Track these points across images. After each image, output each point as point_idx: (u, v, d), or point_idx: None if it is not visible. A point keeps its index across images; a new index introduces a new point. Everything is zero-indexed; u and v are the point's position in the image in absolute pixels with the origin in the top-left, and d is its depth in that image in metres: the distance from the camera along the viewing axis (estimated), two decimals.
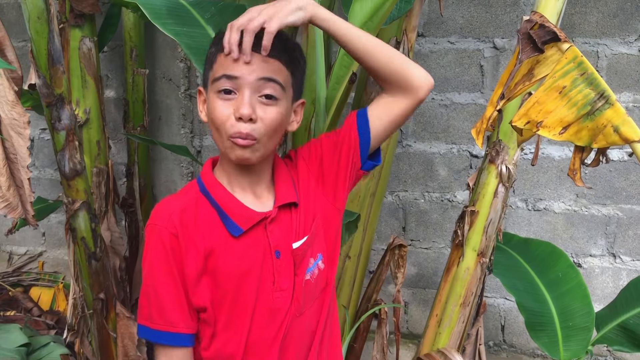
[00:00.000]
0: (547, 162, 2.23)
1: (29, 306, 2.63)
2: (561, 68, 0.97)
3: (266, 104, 1.05)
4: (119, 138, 2.59)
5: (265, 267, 1.12)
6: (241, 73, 1.03)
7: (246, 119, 1.02)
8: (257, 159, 1.08)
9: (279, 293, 1.13)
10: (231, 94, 1.04)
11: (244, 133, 1.03)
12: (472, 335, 1.82)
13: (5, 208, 1.60)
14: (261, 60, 1.04)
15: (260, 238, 1.11)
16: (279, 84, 1.05)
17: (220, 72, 1.05)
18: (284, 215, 1.15)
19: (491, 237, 1.69)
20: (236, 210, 1.11)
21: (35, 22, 1.59)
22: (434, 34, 2.25)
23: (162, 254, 1.10)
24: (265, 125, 1.05)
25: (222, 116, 1.04)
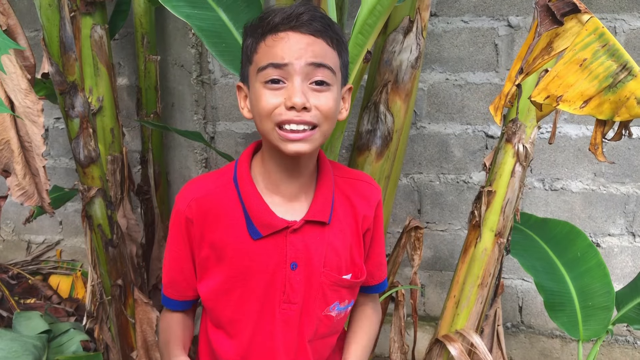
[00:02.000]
0: (564, 141, 2.19)
1: (49, 294, 2.66)
2: (581, 40, 0.95)
3: (319, 91, 0.99)
4: (132, 125, 2.59)
5: (278, 276, 1.10)
6: (289, 60, 0.97)
7: (299, 108, 0.97)
8: (311, 149, 1.02)
9: (287, 305, 1.11)
10: (279, 83, 0.98)
11: (297, 119, 0.97)
12: (490, 316, 1.81)
13: (21, 196, 1.60)
14: (308, 43, 0.98)
15: (279, 245, 1.08)
16: (329, 69, 0.99)
17: (265, 60, 0.99)
18: (310, 230, 1.10)
19: (509, 217, 1.67)
20: (259, 214, 1.07)
21: (47, 9, 1.59)
22: (447, 13, 2.22)
23: (176, 232, 1.13)
24: (322, 113, 0.99)
25: (270, 105, 0.99)
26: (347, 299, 1.18)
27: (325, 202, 1.12)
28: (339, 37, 1.03)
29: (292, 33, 0.98)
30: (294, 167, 1.08)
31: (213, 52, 1.26)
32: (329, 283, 1.13)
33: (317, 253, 1.11)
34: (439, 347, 1.71)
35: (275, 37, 0.98)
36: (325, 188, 1.12)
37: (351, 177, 1.19)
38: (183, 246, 1.13)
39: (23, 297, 2.62)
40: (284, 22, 0.98)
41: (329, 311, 1.15)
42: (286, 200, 1.11)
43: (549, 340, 2.34)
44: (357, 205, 1.16)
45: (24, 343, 2.05)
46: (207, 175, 1.17)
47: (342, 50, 1.04)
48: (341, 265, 1.14)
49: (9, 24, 1.51)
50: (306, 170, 1.10)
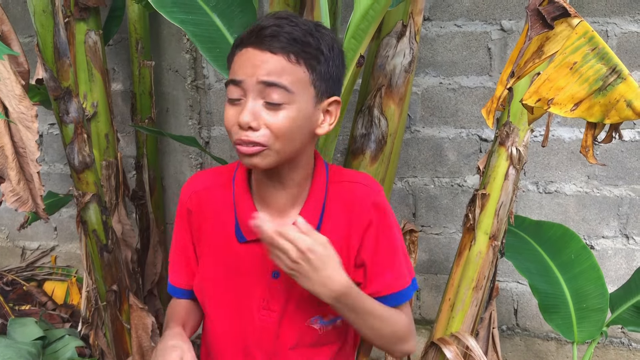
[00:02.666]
0: (558, 144, 2.21)
1: (43, 300, 2.65)
2: (571, 44, 0.96)
3: (273, 109, 0.97)
4: (127, 131, 2.59)
5: (260, 282, 1.10)
6: (243, 77, 0.96)
7: (245, 127, 0.96)
8: (268, 165, 1.00)
9: (267, 312, 1.10)
10: (240, 100, 0.98)
11: (245, 140, 0.97)
12: (486, 319, 1.82)
13: (16, 202, 1.60)
14: (263, 60, 0.95)
15: (263, 251, 1.04)
16: (283, 88, 0.96)
17: (230, 76, 1.00)
18: None
19: (503, 220, 1.68)
20: (246, 219, 1.06)
21: (41, 15, 1.59)
22: (440, 17, 2.23)
23: (179, 222, 1.18)
24: (272, 132, 0.97)
25: (228, 123, 1.00)
26: (330, 314, 1.13)
27: (314, 212, 1.09)
28: (311, 50, 0.98)
29: (251, 49, 0.97)
30: (273, 179, 1.07)
31: (207, 57, 1.27)
32: (309, 294, 1.06)
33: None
34: (434, 350, 1.71)
35: (240, 52, 0.99)
36: (315, 198, 1.10)
37: (347, 180, 1.14)
38: (185, 236, 1.18)
39: (18, 303, 2.62)
40: (247, 37, 0.98)
41: (311, 323, 1.14)
42: (276, 209, 1.09)
43: (544, 342, 2.34)
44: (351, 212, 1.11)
45: (18, 350, 2.04)
46: (212, 170, 1.20)
47: (315, 63, 0.99)
48: None
49: (2, 30, 1.52)
50: (291, 182, 1.08)
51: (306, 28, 0.99)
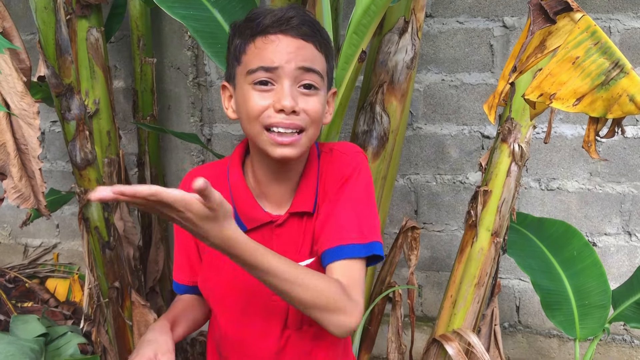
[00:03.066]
0: (560, 141, 2.20)
1: (46, 297, 2.65)
2: (574, 38, 0.95)
3: (307, 95, 0.99)
4: (129, 128, 2.59)
5: None
6: (279, 63, 0.97)
7: (289, 111, 0.97)
8: (297, 155, 1.02)
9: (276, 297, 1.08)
10: (268, 84, 0.99)
11: (286, 122, 0.97)
12: (487, 315, 1.81)
13: (18, 199, 1.61)
14: (298, 47, 0.98)
15: (265, 239, 1.08)
16: (318, 73, 1.00)
17: (255, 63, 0.99)
18: (295, 222, 1.10)
19: (505, 217, 1.68)
20: (245, 208, 1.09)
21: (42, 11, 1.59)
22: (442, 14, 2.23)
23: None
24: (309, 117, 0.99)
25: (258, 107, 0.99)
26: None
27: (309, 192, 1.11)
28: (326, 42, 1.03)
29: (282, 36, 0.98)
30: (281, 172, 1.08)
31: (209, 53, 1.27)
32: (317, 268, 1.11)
33: (304, 244, 1.11)
34: (436, 347, 1.71)
35: (265, 39, 0.99)
36: (309, 179, 1.11)
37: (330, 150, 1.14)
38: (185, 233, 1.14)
39: (20, 300, 2.62)
40: (274, 24, 0.99)
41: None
42: (274, 198, 1.12)
43: (547, 339, 2.34)
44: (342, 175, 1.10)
45: (21, 346, 2.04)
46: (207, 165, 1.21)
47: (329, 54, 1.04)
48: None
49: (4, 26, 1.52)
50: (294, 175, 1.10)
51: (317, 21, 1.04)
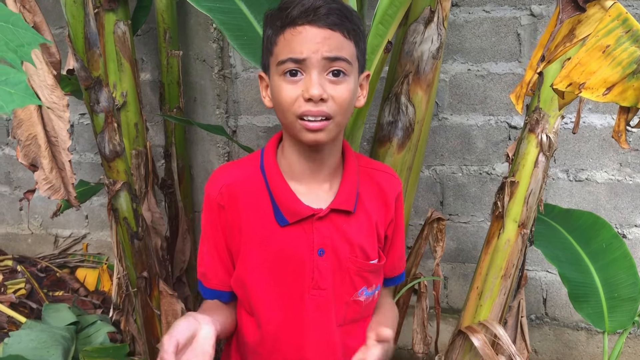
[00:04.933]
0: (589, 131, 2.17)
1: (76, 287, 2.71)
2: (604, 27, 0.93)
3: (335, 82, 1.03)
4: (155, 120, 2.62)
5: (306, 262, 1.13)
6: (307, 54, 1.01)
7: (317, 99, 1.01)
8: (328, 139, 1.06)
9: (317, 291, 1.13)
10: (297, 75, 1.02)
11: (314, 111, 1.01)
12: (514, 307, 1.80)
13: (48, 190, 1.64)
14: (325, 37, 1.01)
15: (306, 232, 1.12)
16: (345, 60, 1.03)
17: (284, 55, 1.02)
18: (338, 217, 1.14)
19: (532, 208, 1.66)
20: (286, 202, 1.11)
21: (72, 6, 1.62)
22: (468, 3, 2.20)
23: (210, 220, 1.17)
24: (336, 104, 1.03)
25: (289, 98, 1.03)
26: (374, 283, 1.21)
27: (351, 191, 1.15)
28: (355, 27, 1.05)
29: (309, 27, 1.01)
30: (315, 158, 1.12)
31: (235, 45, 1.27)
32: (355, 269, 1.16)
33: (343, 240, 1.14)
34: (462, 339, 1.70)
35: (293, 30, 1.02)
36: (350, 178, 1.16)
37: (374, 168, 1.23)
38: (218, 234, 1.16)
39: (51, 289, 2.68)
40: (301, 15, 1.01)
41: (357, 296, 1.18)
42: (312, 188, 1.14)
43: (574, 332, 2.32)
44: (383, 194, 1.21)
45: (53, 334, 2.09)
46: (234, 162, 1.20)
47: (359, 39, 1.06)
48: (367, 251, 1.17)
49: (35, 21, 1.54)
50: (329, 161, 1.13)
51: (348, 7, 1.06)
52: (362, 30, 1.08)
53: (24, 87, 0.49)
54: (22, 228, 3.01)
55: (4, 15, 0.57)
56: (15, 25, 0.57)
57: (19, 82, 0.49)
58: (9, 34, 0.55)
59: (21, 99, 0.49)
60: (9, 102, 0.47)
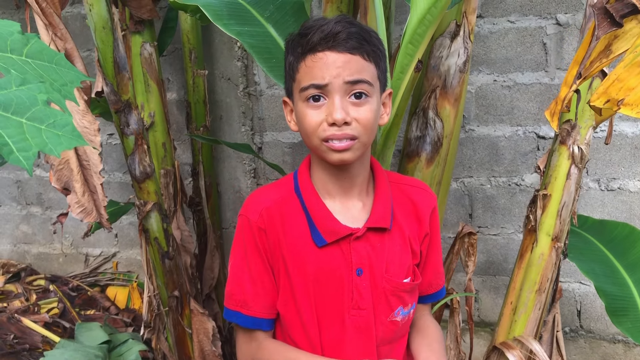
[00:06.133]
0: (620, 140, 2.13)
1: (107, 305, 2.73)
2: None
3: (358, 104, 1.04)
4: (182, 139, 2.65)
5: (345, 283, 1.12)
6: (329, 79, 1.02)
7: (340, 124, 1.03)
8: (355, 158, 1.08)
9: (356, 311, 1.13)
10: (320, 100, 1.04)
11: (339, 134, 1.03)
12: (549, 322, 1.77)
13: (81, 213, 1.67)
14: (345, 61, 1.03)
15: (343, 252, 1.12)
16: (367, 82, 1.04)
17: (306, 81, 1.04)
18: (374, 235, 1.14)
19: (565, 221, 1.63)
20: (323, 221, 1.11)
21: (101, 32, 1.64)
22: (492, 14, 2.19)
23: (250, 242, 1.14)
24: (361, 125, 1.05)
25: (314, 123, 1.05)
26: (409, 302, 1.20)
27: (385, 208, 1.15)
28: (375, 48, 1.07)
29: (329, 53, 1.03)
30: (345, 177, 1.13)
31: (264, 68, 1.28)
32: (391, 288, 1.16)
33: (379, 259, 1.14)
34: (497, 355, 1.68)
35: (314, 57, 1.04)
36: (383, 195, 1.16)
37: (406, 184, 1.23)
38: (261, 258, 1.14)
39: (83, 308, 2.71)
40: (321, 42, 1.03)
41: (394, 316, 1.18)
42: (347, 207, 1.15)
43: (611, 345, 2.27)
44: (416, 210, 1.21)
45: (86, 353, 2.11)
46: (268, 186, 1.21)
47: (379, 60, 1.08)
48: (401, 270, 1.17)
49: (66, 48, 1.57)
50: (358, 179, 1.14)
51: (367, 29, 1.08)
52: (381, 50, 1.10)
53: (71, 129, 0.50)
54: (53, 248, 3.06)
55: (49, 55, 0.58)
56: (59, 64, 0.58)
57: (66, 124, 0.50)
58: (53, 74, 0.56)
59: (69, 141, 0.49)
60: (57, 144, 0.48)
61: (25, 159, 0.46)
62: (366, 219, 1.13)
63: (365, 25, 1.10)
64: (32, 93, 0.50)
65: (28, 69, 0.54)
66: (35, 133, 0.47)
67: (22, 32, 0.60)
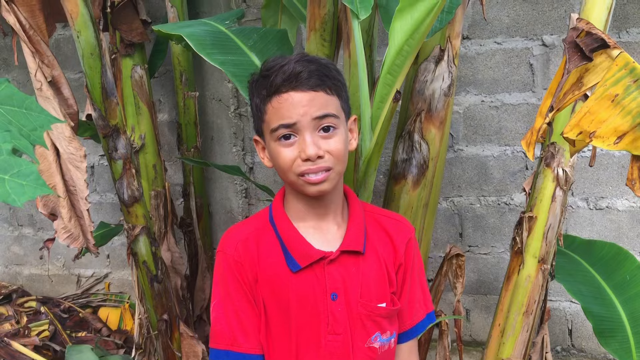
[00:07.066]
0: (607, 159, 2.14)
1: (98, 326, 2.72)
2: (612, 76, 0.93)
3: (327, 137, 1.08)
4: (173, 160, 2.65)
5: (320, 307, 1.13)
6: (297, 118, 1.06)
7: (314, 159, 1.06)
8: (332, 187, 1.10)
9: (332, 337, 1.13)
10: (291, 138, 1.07)
11: (314, 168, 1.06)
12: (538, 343, 1.77)
13: (67, 239, 1.67)
14: (310, 99, 1.06)
15: (317, 277, 1.13)
16: (333, 115, 1.08)
17: (275, 122, 1.07)
18: (348, 259, 1.15)
19: (551, 243, 1.64)
20: (296, 246, 1.13)
21: (89, 58, 1.66)
22: (479, 35, 2.21)
23: (230, 277, 1.15)
24: (333, 156, 1.08)
25: (288, 160, 1.08)
26: (388, 329, 1.19)
27: (358, 232, 1.17)
28: (335, 81, 1.10)
29: (294, 93, 1.06)
30: (320, 205, 1.15)
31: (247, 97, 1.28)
32: (367, 313, 1.16)
33: (353, 283, 1.15)
34: None
35: (279, 98, 1.07)
36: (356, 219, 1.18)
37: (382, 214, 1.25)
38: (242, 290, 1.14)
39: (74, 330, 2.70)
40: (284, 83, 1.06)
41: (371, 342, 1.17)
42: (321, 233, 1.16)
43: None
44: (391, 240, 1.21)
45: None
46: (242, 222, 1.24)
47: (341, 91, 1.12)
48: (377, 295, 1.17)
49: (53, 75, 1.58)
50: (332, 205, 1.17)
51: (325, 63, 1.12)
52: (341, 81, 1.13)
53: (35, 178, 0.50)
54: (45, 269, 3.05)
55: (19, 100, 0.59)
56: (29, 109, 0.59)
57: (30, 173, 0.50)
58: (22, 119, 0.57)
59: (32, 190, 0.50)
60: (20, 194, 0.49)
61: None
62: (340, 243, 1.15)
63: (323, 59, 1.13)
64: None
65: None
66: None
67: None
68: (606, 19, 1.32)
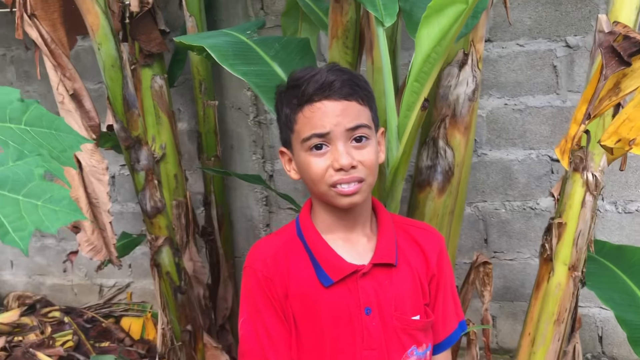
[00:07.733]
0: (636, 161, 2.10)
1: (121, 336, 2.73)
2: None
3: (360, 147, 1.06)
4: (194, 169, 2.65)
5: (355, 323, 1.10)
6: (330, 128, 1.04)
7: (347, 169, 1.04)
8: (363, 199, 1.09)
9: (368, 352, 1.11)
10: (322, 147, 1.06)
11: (346, 178, 1.04)
12: (569, 352, 1.72)
13: (91, 251, 1.67)
14: (343, 109, 1.05)
15: (351, 291, 1.10)
16: (365, 126, 1.07)
17: (307, 131, 1.06)
18: (380, 272, 1.12)
19: (582, 250, 1.60)
20: (328, 260, 1.10)
21: (110, 70, 1.66)
22: (501, 37, 2.18)
23: (260, 294, 1.12)
24: (366, 167, 1.06)
25: (320, 170, 1.06)
26: (423, 342, 1.17)
27: (389, 244, 1.14)
28: (367, 92, 1.10)
29: (327, 102, 1.05)
30: (349, 217, 1.13)
31: (270, 107, 1.27)
32: (402, 326, 1.14)
33: (387, 296, 1.12)
34: None
35: (311, 107, 1.05)
36: (386, 231, 1.15)
37: (411, 225, 1.23)
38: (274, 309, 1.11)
39: (98, 340, 2.71)
40: (317, 92, 1.05)
41: (408, 357, 1.15)
42: (351, 245, 1.14)
43: None
44: (423, 250, 1.19)
45: None
46: (268, 236, 1.22)
47: (371, 102, 1.11)
48: (412, 307, 1.15)
49: (75, 88, 1.59)
50: (361, 218, 1.15)
51: (356, 74, 1.11)
52: (371, 92, 1.12)
53: (68, 203, 0.49)
54: (68, 279, 3.07)
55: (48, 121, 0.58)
56: (58, 129, 0.58)
57: (63, 199, 0.49)
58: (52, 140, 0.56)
59: (66, 216, 0.49)
60: (54, 221, 0.47)
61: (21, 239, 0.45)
62: (371, 256, 1.12)
63: (353, 71, 1.14)
64: (29, 167, 0.49)
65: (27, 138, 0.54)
66: (31, 210, 0.47)
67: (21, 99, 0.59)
68: (635, 20, 1.29)
